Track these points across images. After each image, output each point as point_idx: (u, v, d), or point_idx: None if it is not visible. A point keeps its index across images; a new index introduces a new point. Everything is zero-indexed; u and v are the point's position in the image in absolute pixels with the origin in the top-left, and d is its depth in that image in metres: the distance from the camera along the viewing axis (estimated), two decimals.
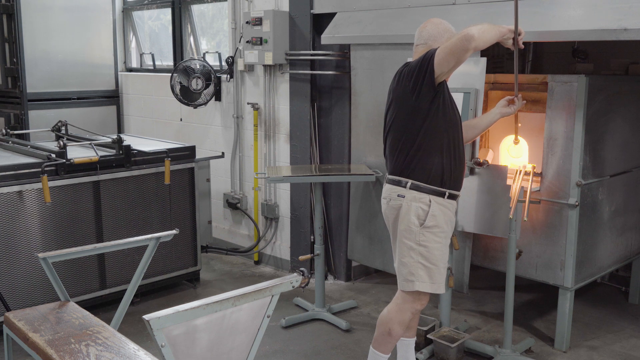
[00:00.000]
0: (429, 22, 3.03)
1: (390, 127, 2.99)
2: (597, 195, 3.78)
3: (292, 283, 2.30)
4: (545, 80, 3.69)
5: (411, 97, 2.83)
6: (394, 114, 2.96)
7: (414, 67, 2.83)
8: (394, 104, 2.97)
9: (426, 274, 2.90)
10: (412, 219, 2.88)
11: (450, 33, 2.96)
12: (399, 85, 2.91)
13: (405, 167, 2.91)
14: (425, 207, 2.87)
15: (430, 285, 2.92)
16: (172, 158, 4.44)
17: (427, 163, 2.87)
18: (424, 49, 2.95)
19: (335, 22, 4.51)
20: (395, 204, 2.93)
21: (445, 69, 2.73)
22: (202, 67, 5.44)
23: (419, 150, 2.87)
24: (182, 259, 4.67)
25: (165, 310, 1.95)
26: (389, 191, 2.99)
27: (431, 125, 2.84)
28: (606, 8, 3.21)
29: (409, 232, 2.89)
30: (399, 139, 2.93)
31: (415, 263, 2.90)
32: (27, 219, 3.87)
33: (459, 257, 3.94)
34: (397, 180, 2.94)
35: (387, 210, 3.01)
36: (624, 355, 3.74)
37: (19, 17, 5.89)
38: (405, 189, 2.90)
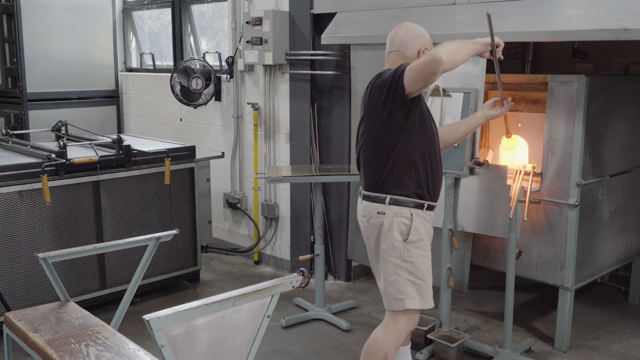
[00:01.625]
0: (401, 28, 2.91)
1: (363, 141, 2.87)
2: (597, 195, 3.78)
3: (292, 283, 2.30)
4: (545, 80, 3.69)
5: (383, 111, 2.72)
6: (366, 128, 2.84)
7: (384, 81, 2.71)
8: (366, 117, 2.85)
9: (415, 291, 2.80)
10: (395, 236, 2.77)
11: (423, 39, 2.88)
12: (371, 98, 2.79)
13: (382, 183, 2.79)
14: (407, 221, 2.77)
15: (420, 301, 2.82)
16: (172, 158, 4.44)
17: (404, 178, 2.76)
18: (396, 56, 2.87)
19: (335, 22, 4.50)
20: (376, 222, 2.81)
21: (415, 88, 2.62)
22: (202, 67, 5.44)
23: (395, 165, 2.76)
24: (182, 259, 4.67)
25: (165, 310, 1.95)
26: (367, 209, 2.85)
27: (407, 139, 2.73)
28: (606, 8, 3.21)
29: (393, 249, 2.78)
30: (373, 154, 2.81)
31: (404, 280, 2.78)
32: (27, 219, 3.86)
33: (459, 257, 3.94)
34: (375, 196, 2.81)
35: (368, 229, 2.88)
36: (624, 355, 3.74)
37: (19, 17, 5.89)
38: (385, 205, 2.78)
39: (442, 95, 3.63)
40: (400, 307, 2.81)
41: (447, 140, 3.11)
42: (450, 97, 3.62)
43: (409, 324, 2.89)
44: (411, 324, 2.90)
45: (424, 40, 2.88)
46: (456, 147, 3.56)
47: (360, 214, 2.92)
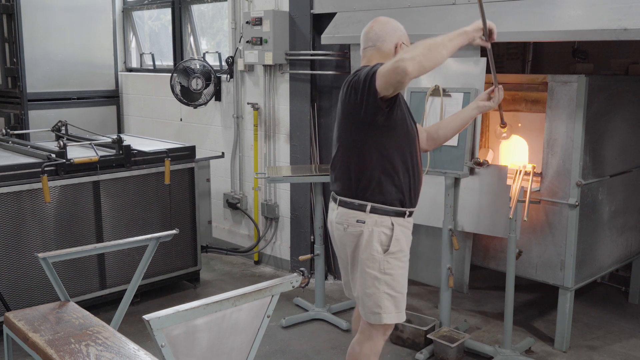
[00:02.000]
0: (376, 22, 2.77)
1: (340, 142, 2.71)
2: (597, 195, 3.78)
3: (292, 283, 2.30)
4: (545, 80, 3.69)
5: (360, 112, 2.55)
6: (344, 129, 2.69)
7: (359, 82, 2.54)
8: (343, 117, 2.69)
9: (392, 304, 2.67)
10: (375, 246, 2.62)
11: (399, 32, 2.74)
12: (347, 98, 2.62)
13: (361, 189, 2.63)
14: (388, 231, 2.63)
15: (397, 315, 2.69)
16: (172, 158, 4.44)
17: (385, 183, 2.61)
18: (372, 51, 2.72)
19: (335, 22, 4.50)
20: (355, 231, 2.64)
21: (386, 93, 2.46)
22: (202, 67, 5.44)
23: (376, 169, 2.60)
24: (182, 259, 4.67)
25: (165, 310, 1.95)
26: (344, 216, 2.67)
27: (388, 141, 2.59)
28: (606, 8, 3.21)
29: (372, 260, 2.63)
30: (351, 156, 2.64)
31: (381, 294, 2.65)
32: (27, 219, 3.86)
33: (459, 257, 3.94)
34: (355, 203, 2.64)
35: (345, 237, 2.70)
36: (624, 355, 3.74)
37: (19, 17, 5.89)
38: (365, 213, 2.61)
39: (442, 95, 3.63)
40: (377, 321, 2.68)
41: (437, 138, 2.98)
42: (450, 97, 3.62)
43: (385, 335, 2.78)
44: (387, 334, 2.79)
45: (401, 34, 2.74)
46: (456, 147, 3.56)
47: (336, 221, 2.73)
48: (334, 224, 2.76)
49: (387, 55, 2.68)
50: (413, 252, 4.29)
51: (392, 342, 3.89)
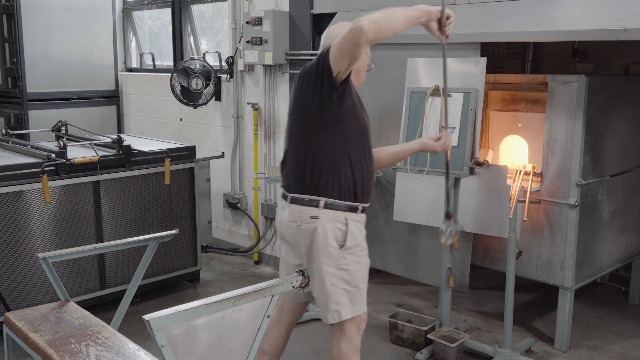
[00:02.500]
0: (336, 24, 2.75)
1: (291, 137, 2.65)
2: (597, 195, 3.78)
3: (292, 283, 2.30)
4: (545, 80, 3.69)
5: (313, 101, 2.51)
6: (295, 122, 2.63)
7: (312, 66, 2.52)
8: (295, 109, 2.63)
9: (347, 299, 2.64)
10: (331, 242, 2.57)
11: None
12: (300, 88, 2.57)
13: (313, 183, 2.56)
14: (343, 226, 2.58)
15: (352, 308, 2.66)
16: (172, 158, 4.44)
17: (338, 176, 2.55)
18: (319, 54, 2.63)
19: (335, 22, 4.50)
20: (309, 228, 2.58)
21: (342, 66, 2.40)
22: (202, 67, 5.44)
23: (327, 162, 2.54)
24: (182, 259, 4.67)
25: (165, 310, 1.95)
26: (297, 213, 2.60)
27: (340, 133, 2.54)
28: (606, 8, 3.21)
29: (328, 257, 2.58)
30: (303, 151, 2.59)
31: (338, 290, 2.62)
32: (27, 219, 3.86)
33: (459, 257, 3.94)
34: (307, 199, 2.58)
35: (298, 235, 2.62)
36: (624, 355, 3.74)
37: (19, 17, 5.89)
38: (319, 209, 2.55)
39: (442, 95, 3.62)
40: (336, 318, 2.65)
41: (380, 162, 2.87)
42: (450, 97, 3.61)
43: (359, 329, 2.73)
44: (361, 328, 2.75)
45: None
46: (456, 147, 3.57)
47: (288, 219, 2.65)
48: (285, 223, 2.68)
49: None
50: (413, 252, 4.31)
51: (392, 342, 3.89)
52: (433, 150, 2.89)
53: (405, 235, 4.32)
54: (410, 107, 3.79)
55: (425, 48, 3.97)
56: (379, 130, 4.39)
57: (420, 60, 3.89)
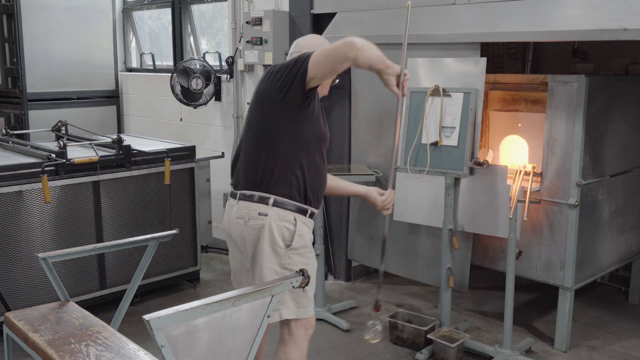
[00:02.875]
0: (309, 36, 2.90)
1: (249, 133, 2.61)
2: (597, 195, 3.78)
3: (292, 283, 2.30)
4: (545, 80, 3.69)
5: (277, 96, 2.49)
6: (254, 117, 2.60)
7: (286, 64, 2.49)
8: (256, 104, 2.60)
9: (291, 299, 2.58)
10: (277, 241, 2.53)
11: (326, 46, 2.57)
12: (266, 82, 2.56)
13: (264, 180, 2.55)
14: (291, 226, 2.55)
15: (296, 310, 2.60)
16: (172, 158, 4.44)
17: (291, 176, 2.53)
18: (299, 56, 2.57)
19: (335, 22, 4.50)
20: (256, 224, 2.54)
21: (319, 73, 2.39)
22: (202, 67, 5.44)
23: (281, 160, 2.52)
24: (182, 259, 4.67)
25: (165, 310, 1.95)
26: (245, 209, 2.57)
27: (298, 134, 2.52)
28: (606, 8, 3.21)
29: (274, 254, 2.55)
30: (258, 147, 2.56)
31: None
32: (27, 219, 3.86)
33: (459, 257, 3.94)
34: (257, 196, 2.55)
35: (245, 231, 2.59)
36: (624, 355, 3.74)
37: (19, 17, 5.89)
38: (268, 206, 2.52)
39: (442, 95, 3.63)
40: (276, 318, 2.58)
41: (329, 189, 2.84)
42: (450, 97, 3.62)
43: (306, 334, 2.69)
44: (309, 333, 2.69)
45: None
46: (456, 147, 3.57)
47: (235, 215, 2.62)
48: (233, 220, 2.65)
49: None
50: (413, 252, 4.31)
51: (392, 342, 3.89)
52: (373, 204, 2.88)
53: (405, 235, 4.33)
54: (410, 107, 3.79)
55: (425, 48, 3.97)
56: (379, 130, 4.39)
57: (420, 60, 3.89)
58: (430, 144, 3.64)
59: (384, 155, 4.36)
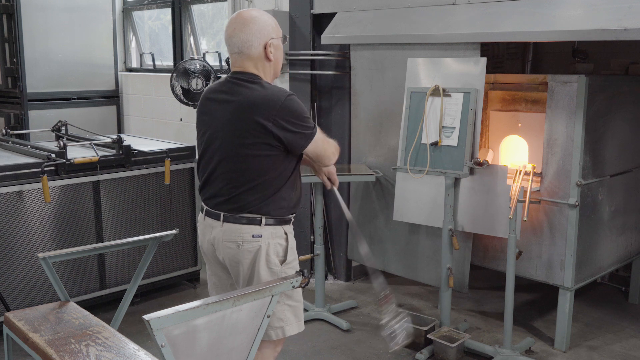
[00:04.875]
0: (236, 24, 2.49)
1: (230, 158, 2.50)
2: (597, 195, 3.78)
3: (292, 283, 2.30)
4: (545, 80, 3.69)
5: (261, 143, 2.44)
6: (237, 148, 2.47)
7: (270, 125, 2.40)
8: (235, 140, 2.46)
9: (292, 314, 2.60)
10: (273, 259, 2.52)
11: (266, 30, 2.49)
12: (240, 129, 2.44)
13: (260, 204, 2.49)
14: (283, 241, 2.56)
15: (297, 324, 2.62)
16: (172, 158, 4.44)
17: (284, 197, 2.53)
18: (242, 58, 2.50)
19: (335, 22, 4.51)
20: (251, 247, 2.49)
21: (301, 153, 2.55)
22: (202, 67, 5.44)
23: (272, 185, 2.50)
24: (182, 259, 4.67)
25: (165, 310, 1.95)
26: (237, 232, 2.50)
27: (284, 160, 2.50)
28: (606, 8, 3.21)
29: (270, 274, 2.51)
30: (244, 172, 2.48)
31: (283, 306, 2.55)
32: (27, 219, 3.86)
33: (459, 257, 3.94)
34: (247, 218, 2.49)
35: (239, 255, 2.51)
36: (624, 355, 3.74)
37: (19, 17, 5.89)
38: (261, 226, 2.49)
39: (442, 95, 3.63)
40: (279, 335, 2.57)
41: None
42: (450, 97, 3.62)
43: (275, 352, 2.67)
44: (278, 350, 2.68)
45: (267, 30, 2.50)
46: (456, 147, 3.57)
47: (223, 239, 2.53)
48: (219, 242, 2.55)
49: (258, 59, 2.51)
50: (413, 252, 4.31)
51: None
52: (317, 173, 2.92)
53: (405, 235, 4.32)
54: (410, 107, 3.79)
55: (425, 48, 3.97)
56: (379, 130, 4.39)
57: (420, 60, 3.89)
58: (430, 144, 3.65)
59: (384, 155, 4.36)
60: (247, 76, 2.51)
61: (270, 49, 2.51)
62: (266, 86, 2.50)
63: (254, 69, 2.52)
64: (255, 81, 2.50)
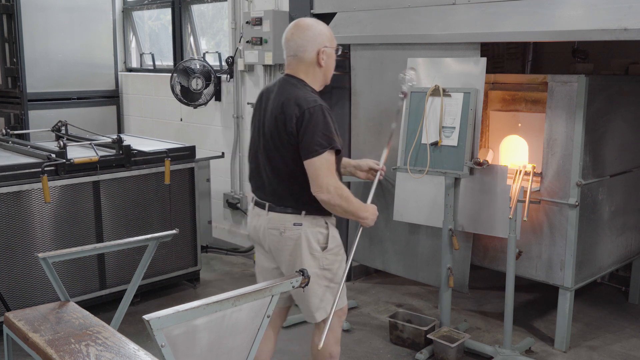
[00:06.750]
0: (296, 29, 2.70)
1: (270, 152, 2.70)
2: (597, 195, 3.78)
3: (292, 283, 2.30)
4: (545, 80, 3.69)
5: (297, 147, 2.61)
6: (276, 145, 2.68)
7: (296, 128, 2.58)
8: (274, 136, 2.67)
9: (332, 295, 2.77)
10: (314, 246, 2.69)
11: (321, 37, 2.68)
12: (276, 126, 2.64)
13: (298, 199, 2.67)
14: (324, 229, 2.72)
15: (337, 304, 2.76)
16: (172, 158, 4.44)
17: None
18: (296, 61, 2.70)
19: (335, 22, 4.50)
20: (293, 235, 2.69)
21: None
22: (202, 67, 5.44)
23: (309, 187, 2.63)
24: (182, 259, 4.67)
25: (165, 310, 1.95)
26: (280, 221, 2.70)
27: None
28: (606, 8, 3.21)
29: (312, 259, 2.70)
30: (286, 169, 2.67)
31: (323, 288, 2.75)
32: (27, 219, 3.86)
33: (459, 257, 3.94)
34: (290, 208, 2.69)
35: (282, 242, 2.72)
36: (624, 355, 3.74)
37: (19, 17, 5.89)
38: (302, 216, 2.68)
39: (442, 95, 3.63)
40: (323, 315, 2.76)
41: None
42: (450, 97, 3.62)
43: (340, 320, 2.88)
44: (342, 319, 2.90)
45: (322, 39, 2.69)
46: (456, 147, 3.57)
47: (268, 227, 2.74)
48: (264, 230, 2.75)
49: (310, 64, 2.70)
50: (413, 252, 4.31)
51: (392, 342, 3.89)
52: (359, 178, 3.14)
53: (405, 235, 4.33)
54: (410, 107, 3.79)
55: (425, 48, 3.97)
56: (379, 130, 4.39)
57: (420, 60, 3.89)
58: (430, 144, 3.65)
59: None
60: (295, 80, 2.72)
61: (322, 55, 2.70)
62: (305, 91, 2.67)
63: (304, 73, 2.72)
64: (299, 85, 2.69)
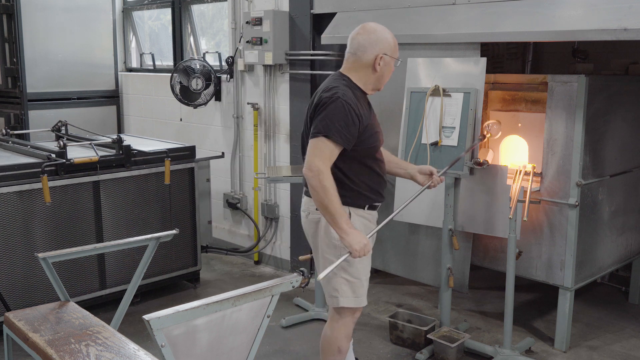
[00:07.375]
0: (363, 29, 2.78)
1: (305, 140, 2.83)
2: (597, 195, 3.78)
3: (292, 283, 2.30)
4: (545, 80, 3.69)
5: None
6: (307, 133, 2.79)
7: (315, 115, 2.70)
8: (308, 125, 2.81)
9: (349, 289, 2.80)
10: (333, 233, 2.71)
11: (383, 44, 2.75)
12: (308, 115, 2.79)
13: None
14: None
15: (354, 299, 2.82)
16: (172, 158, 4.44)
17: (347, 182, 2.74)
18: (353, 59, 2.77)
19: (335, 22, 4.51)
20: (314, 218, 2.80)
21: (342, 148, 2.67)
22: (202, 67, 5.44)
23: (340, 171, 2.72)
24: (182, 259, 4.67)
25: (165, 310, 1.95)
26: (307, 204, 2.85)
27: (358, 149, 2.71)
28: (606, 8, 3.21)
29: (330, 246, 2.77)
30: None
31: (339, 278, 2.78)
32: (27, 219, 3.86)
33: (459, 257, 3.94)
34: None
35: (306, 223, 2.88)
36: (624, 355, 3.74)
37: (19, 17, 5.89)
38: None
39: (442, 95, 3.63)
40: (334, 304, 2.84)
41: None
42: (450, 97, 3.62)
43: (353, 316, 2.90)
44: (356, 316, 2.92)
45: (384, 45, 2.75)
46: (456, 147, 3.57)
47: (301, 209, 2.92)
48: (301, 212, 2.94)
49: (366, 65, 2.75)
50: (413, 252, 4.31)
51: (392, 342, 3.89)
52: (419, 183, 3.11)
53: (405, 235, 4.33)
54: (410, 107, 3.79)
55: (425, 48, 3.97)
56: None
57: (420, 60, 3.89)
58: (430, 144, 3.65)
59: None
60: (340, 76, 2.78)
61: (379, 61, 2.74)
62: (339, 83, 2.71)
63: (355, 72, 2.77)
64: (340, 80, 2.74)
